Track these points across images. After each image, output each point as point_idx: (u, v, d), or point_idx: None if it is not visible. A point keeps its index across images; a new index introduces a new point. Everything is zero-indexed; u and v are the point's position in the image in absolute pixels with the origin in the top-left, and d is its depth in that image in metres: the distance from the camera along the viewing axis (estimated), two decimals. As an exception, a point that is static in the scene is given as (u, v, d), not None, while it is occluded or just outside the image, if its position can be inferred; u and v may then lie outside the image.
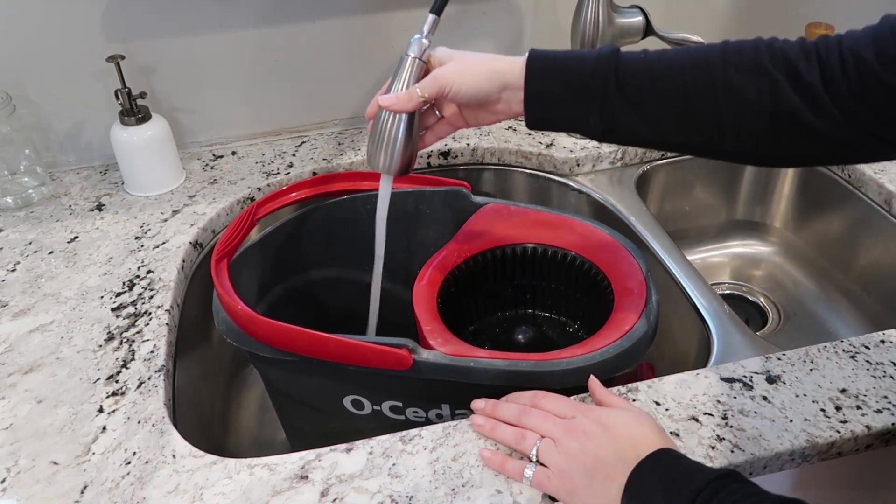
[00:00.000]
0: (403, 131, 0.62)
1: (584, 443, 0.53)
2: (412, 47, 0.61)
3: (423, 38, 0.61)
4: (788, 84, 0.52)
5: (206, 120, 1.03)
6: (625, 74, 0.56)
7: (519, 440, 0.56)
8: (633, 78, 0.56)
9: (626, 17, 0.94)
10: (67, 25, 0.91)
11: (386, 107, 0.61)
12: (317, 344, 0.61)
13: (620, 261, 0.72)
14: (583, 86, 0.57)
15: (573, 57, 0.58)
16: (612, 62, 0.56)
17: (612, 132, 0.58)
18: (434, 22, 0.62)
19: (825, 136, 0.52)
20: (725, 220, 1.11)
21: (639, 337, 0.63)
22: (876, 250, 0.94)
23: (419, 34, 0.61)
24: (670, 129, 0.56)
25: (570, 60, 0.58)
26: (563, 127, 0.60)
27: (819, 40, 0.53)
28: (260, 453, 0.59)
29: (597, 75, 0.56)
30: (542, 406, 0.58)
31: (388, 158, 0.63)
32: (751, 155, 0.57)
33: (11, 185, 0.92)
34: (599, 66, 0.56)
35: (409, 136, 0.63)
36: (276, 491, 0.55)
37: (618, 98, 0.56)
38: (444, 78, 0.59)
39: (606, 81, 0.56)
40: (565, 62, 0.58)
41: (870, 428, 0.58)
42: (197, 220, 0.88)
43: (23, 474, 0.58)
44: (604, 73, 0.56)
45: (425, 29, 0.61)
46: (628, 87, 0.56)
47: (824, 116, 0.51)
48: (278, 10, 0.96)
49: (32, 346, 0.70)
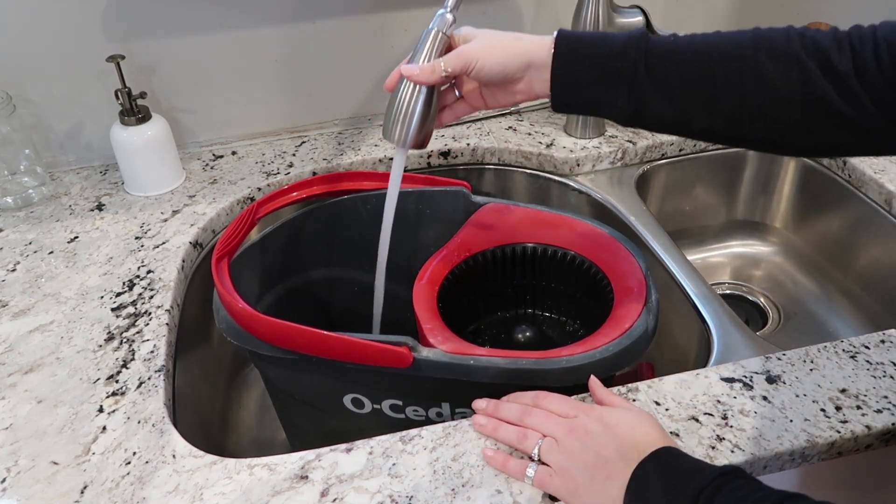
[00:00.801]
0: (423, 104, 0.61)
1: (585, 442, 0.53)
2: (436, 21, 0.60)
3: (448, 12, 0.61)
4: (819, 72, 0.51)
5: (206, 120, 1.03)
6: (654, 56, 0.55)
7: (521, 439, 0.56)
8: (663, 61, 0.55)
9: (626, 16, 0.94)
10: (67, 25, 0.91)
11: (408, 77, 0.60)
12: (317, 342, 0.61)
13: (620, 260, 0.72)
14: (612, 67, 0.56)
15: (602, 38, 0.57)
16: (642, 44, 0.56)
17: (639, 114, 0.57)
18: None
19: (855, 125, 0.51)
20: (725, 220, 1.11)
21: (638, 335, 0.63)
22: (876, 250, 0.94)
23: (444, 8, 0.61)
24: (697, 114, 0.56)
25: (600, 41, 0.57)
26: (588, 108, 0.60)
27: (853, 30, 0.52)
28: (260, 453, 0.59)
29: (626, 57, 0.55)
30: (543, 406, 0.58)
31: (404, 130, 0.62)
32: (778, 143, 0.56)
33: (11, 185, 0.92)
34: (629, 48, 0.56)
35: (427, 111, 0.62)
36: (276, 491, 0.55)
37: (647, 80, 0.55)
38: (470, 54, 0.59)
39: (636, 63, 0.55)
40: (594, 43, 0.57)
41: (870, 428, 0.58)
42: (197, 220, 0.88)
43: (23, 474, 0.58)
44: (633, 55, 0.55)
45: (450, 3, 0.61)
46: (657, 69, 0.55)
47: (856, 106, 0.50)
48: (278, 10, 0.96)
49: (32, 346, 0.70)
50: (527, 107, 1.09)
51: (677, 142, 1.01)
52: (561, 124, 1.04)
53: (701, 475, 0.47)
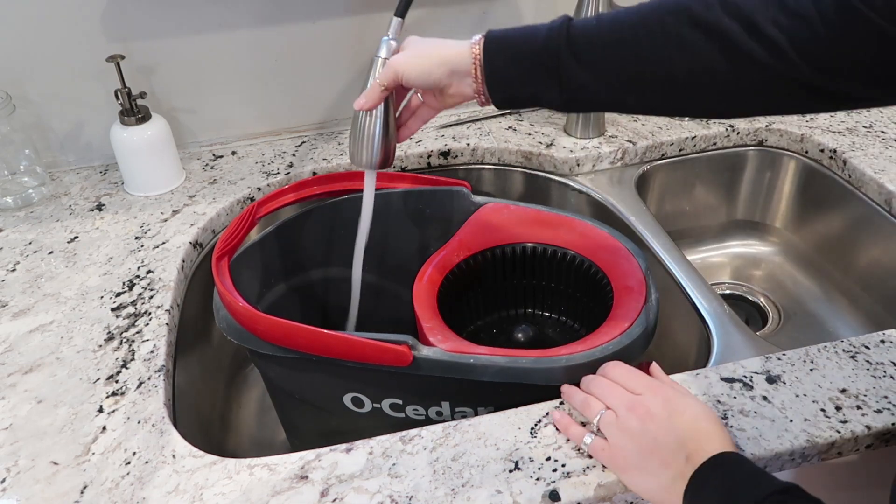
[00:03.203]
0: (380, 126, 0.66)
1: (645, 422, 0.53)
2: (381, 49, 0.65)
3: (391, 39, 0.65)
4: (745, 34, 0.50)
5: (206, 120, 1.03)
6: (578, 44, 0.55)
7: (584, 407, 0.57)
8: (588, 47, 0.55)
9: (626, 16, 0.93)
10: (67, 25, 0.91)
11: (359, 108, 0.65)
12: (317, 340, 0.61)
13: (620, 260, 0.72)
14: (538, 62, 0.57)
15: (526, 34, 0.58)
16: (563, 33, 0.56)
17: (575, 101, 0.58)
18: (399, 24, 0.66)
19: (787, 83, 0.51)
20: (725, 220, 1.11)
21: (638, 334, 0.63)
22: (876, 250, 0.94)
23: (387, 36, 0.65)
24: (630, 93, 0.56)
25: (523, 38, 0.58)
26: (527, 103, 0.61)
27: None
28: (260, 453, 0.59)
29: (549, 49, 0.56)
30: (610, 376, 0.58)
31: (369, 154, 0.67)
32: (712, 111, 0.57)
33: (11, 185, 0.92)
34: (551, 40, 0.56)
35: (385, 130, 0.66)
36: (275, 491, 0.55)
37: (575, 69, 0.56)
38: (396, 65, 0.62)
39: (559, 54, 0.56)
40: (518, 40, 0.58)
41: (870, 428, 0.58)
42: (197, 220, 0.88)
43: (23, 474, 0.58)
44: (555, 46, 0.56)
45: (391, 31, 0.66)
46: (583, 56, 0.55)
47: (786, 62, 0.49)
48: (278, 10, 0.96)
49: (32, 346, 0.70)
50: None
51: (677, 142, 1.01)
52: (561, 124, 1.04)
53: (757, 490, 0.47)
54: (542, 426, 0.59)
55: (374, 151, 0.67)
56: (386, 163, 0.68)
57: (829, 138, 0.99)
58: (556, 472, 0.55)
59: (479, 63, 0.59)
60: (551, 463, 0.56)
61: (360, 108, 0.65)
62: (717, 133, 1.02)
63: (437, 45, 0.62)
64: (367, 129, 0.66)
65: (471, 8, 1.03)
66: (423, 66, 0.61)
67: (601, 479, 0.55)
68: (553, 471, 0.56)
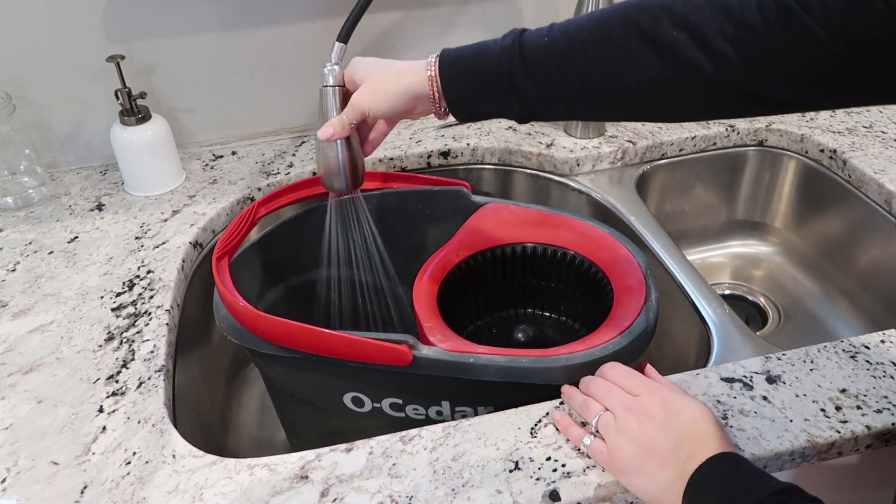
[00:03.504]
0: (346, 152, 0.68)
1: (644, 423, 0.53)
2: (327, 78, 0.66)
3: (334, 65, 0.67)
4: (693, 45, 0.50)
5: (206, 120, 1.03)
6: (531, 63, 0.56)
7: (583, 408, 0.57)
8: (540, 63, 0.56)
9: (626, 17, 0.93)
10: (67, 25, 0.91)
11: (327, 138, 0.66)
12: (317, 340, 0.61)
13: (620, 259, 0.72)
14: (493, 83, 0.58)
15: (478, 52, 0.59)
16: (515, 53, 0.56)
17: (535, 115, 0.59)
18: (341, 49, 0.68)
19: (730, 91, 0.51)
20: (725, 220, 1.11)
21: (638, 333, 0.63)
22: (876, 250, 0.94)
23: (329, 62, 0.67)
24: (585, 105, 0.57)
25: (476, 57, 0.59)
26: (490, 117, 0.62)
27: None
28: (260, 453, 0.59)
29: (502, 68, 0.57)
30: (608, 377, 0.58)
31: (342, 179, 0.69)
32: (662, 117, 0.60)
33: (11, 185, 0.92)
34: (503, 59, 0.57)
35: (352, 155, 0.68)
36: (276, 491, 0.55)
37: (530, 88, 0.57)
38: (361, 104, 0.63)
39: (513, 71, 0.56)
40: (471, 60, 0.59)
41: (870, 428, 0.58)
42: (197, 220, 0.88)
43: (23, 474, 0.58)
44: (509, 64, 0.57)
45: (334, 57, 0.67)
46: (537, 75, 0.56)
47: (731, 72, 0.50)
48: (278, 10, 0.96)
49: (32, 346, 0.70)
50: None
51: (677, 141, 1.01)
52: (561, 124, 1.04)
53: (756, 491, 0.47)
54: (542, 426, 0.59)
55: (347, 176, 0.69)
56: (357, 183, 0.70)
57: (829, 138, 0.99)
58: (556, 472, 0.55)
59: (435, 85, 0.60)
60: (551, 463, 0.56)
61: (331, 139, 0.66)
62: (717, 133, 1.02)
63: (395, 73, 0.62)
64: (337, 157, 0.67)
65: (470, 8, 1.03)
66: (389, 102, 0.62)
67: (601, 479, 0.55)
68: (553, 471, 0.56)
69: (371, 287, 0.78)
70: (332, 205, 0.80)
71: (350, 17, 0.68)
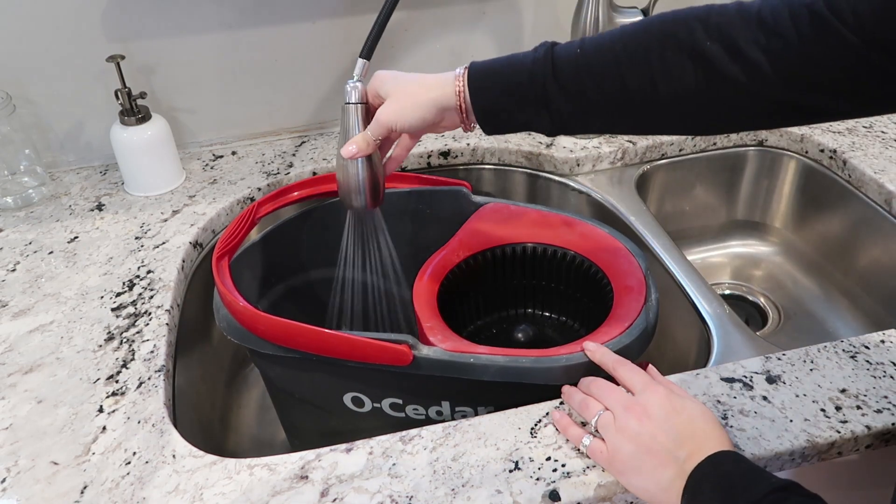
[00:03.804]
0: (367, 170, 0.67)
1: (643, 422, 0.53)
2: (350, 95, 0.66)
3: (357, 82, 0.66)
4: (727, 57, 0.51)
5: (206, 120, 1.03)
6: (563, 77, 0.56)
7: (582, 408, 0.57)
8: (574, 80, 0.56)
9: (626, 16, 0.94)
10: (67, 25, 0.91)
11: (351, 157, 0.65)
12: (317, 340, 0.61)
13: (620, 260, 0.72)
14: (525, 96, 0.58)
15: (510, 66, 0.59)
16: (548, 67, 0.57)
17: (565, 129, 0.60)
18: (364, 66, 0.67)
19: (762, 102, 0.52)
20: (725, 220, 1.11)
21: (638, 334, 0.63)
22: (876, 250, 0.94)
23: (351, 79, 0.66)
24: (618, 121, 0.58)
25: (508, 70, 0.59)
26: (518, 130, 0.62)
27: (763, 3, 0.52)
28: (260, 453, 0.59)
29: (535, 81, 0.57)
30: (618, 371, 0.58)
31: (361, 197, 0.68)
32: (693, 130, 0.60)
33: (11, 185, 0.92)
34: (536, 73, 0.57)
35: (373, 172, 0.67)
36: (276, 491, 0.55)
37: (561, 102, 0.57)
38: (387, 119, 0.63)
39: (546, 87, 0.57)
40: (503, 73, 0.59)
41: (870, 428, 0.58)
42: (197, 220, 0.88)
43: (23, 474, 0.58)
44: (542, 77, 0.57)
45: (356, 73, 0.66)
46: (570, 89, 0.56)
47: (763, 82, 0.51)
48: (278, 10, 0.96)
49: (32, 346, 0.70)
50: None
51: (677, 142, 1.01)
52: (561, 124, 1.04)
53: (755, 488, 0.47)
54: (542, 426, 0.59)
55: (366, 194, 0.67)
56: (378, 201, 0.69)
57: (829, 138, 0.99)
58: (556, 472, 0.55)
59: (463, 98, 0.60)
60: (551, 463, 0.56)
61: (355, 156, 0.65)
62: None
63: (420, 86, 0.62)
64: (356, 174, 0.66)
65: (471, 8, 1.03)
66: (415, 115, 0.62)
67: (601, 479, 0.55)
68: (553, 471, 0.56)
69: (371, 287, 0.78)
70: (333, 205, 0.81)
71: (371, 33, 0.67)
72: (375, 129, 0.64)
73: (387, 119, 0.63)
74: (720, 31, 0.51)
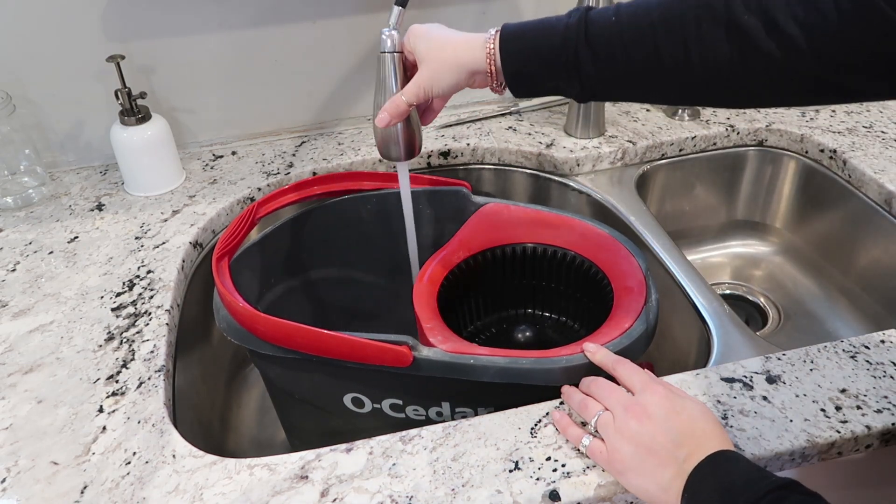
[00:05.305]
0: (404, 125, 0.68)
1: (643, 422, 0.53)
2: (386, 43, 0.66)
3: (393, 30, 0.66)
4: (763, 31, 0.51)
5: (206, 120, 1.03)
6: (597, 44, 0.56)
7: (582, 408, 0.57)
8: (607, 46, 0.56)
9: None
10: (67, 25, 0.91)
11: (384, 125, 0.66)
12: (317, 341, 0.61)
13: (620, 260, 0.72)
14: (557, 61, 0.58)
15: (542, 28, 0.59)
16: (581, 29, 0.57)
17: (595, 96, 0.60)
18: (400, 13, 0.66)
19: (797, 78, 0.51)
20: (725, 220, 1.11)
21: (638, 334, 0.63)
22: (876, 250, 0.94)
23: (387, 27, 0.66)
24: (650, 89, 0.58)
25: (540, 33, 0.59)
26: (548, 93, 0.62)
27: None
28: (260, 453, 0.59)
29: (567, 47, 0.57)
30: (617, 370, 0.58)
31: (398, 149, 0.69)
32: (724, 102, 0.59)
33: (11, 185, 0.92)
34: (569, 37, 0.57)
35: (410, 127, 0.69)
36: (276, 491, 0.55)
37: (593, 70, 0.57)
38: (423, 84, 0.64)
39: (578, 53, 0.57)
40: (535, 37, 0.59)
41: (870, 428, 0.58)
42: (197, 220, 0.88)
43: (23, 474, 0.58)
44: (574, 44, 0.57)
45: (392, 21, 0.66)
46: (602, 55, 0.56)
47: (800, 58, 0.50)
48: (278, 10, 0.96)
49: (32, 346, 0.70)
50: (527, 107, 1.09)
51: (677, 142, 1.01)
52: (561, 124, 1.04)
53: (755, 487, 0.46)
54: (542, 426, 0.59)
55: (403, 147, 0.69)
56: (413, 153, 0.70)
57: (829, 138, 0.99)
58: (556, 472, 0.55)
59: (493, 60, 0.61)
60: (551, 463, 0.56)
61: (386, 125, 0.66)
62: (717, 133, 1.02)
63: (452, 50, 0.63)
64: (394, 128, 0.68)
65: (471, 8, 1.03)
66: (448, 81, 0.63)
67: (601, 479, 0.55)
68: (553, 471, 0.56)
69: (371, 287, 0.78)
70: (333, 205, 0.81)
71: None
72: (411, 92, 0.65)
73: (423, 85, 0.64)
74: (759, 4, 0.51)
